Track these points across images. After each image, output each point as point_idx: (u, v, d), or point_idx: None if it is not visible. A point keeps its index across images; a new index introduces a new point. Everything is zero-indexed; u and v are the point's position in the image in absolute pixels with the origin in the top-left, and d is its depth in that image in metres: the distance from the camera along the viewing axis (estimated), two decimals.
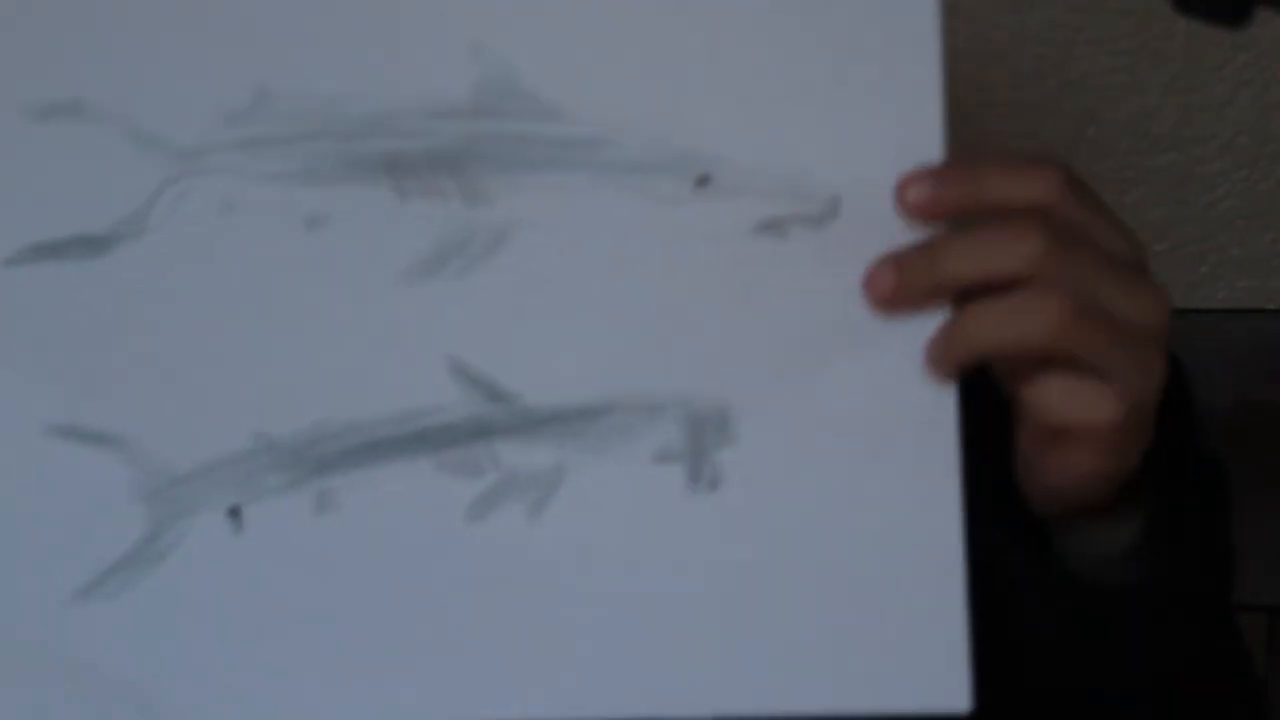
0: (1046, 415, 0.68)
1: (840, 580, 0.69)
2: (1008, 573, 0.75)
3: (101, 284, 0.71)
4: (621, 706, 0.69)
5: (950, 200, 0.67)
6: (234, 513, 0.71)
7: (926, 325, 0.68)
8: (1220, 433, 1.20)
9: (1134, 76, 1.35)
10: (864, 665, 0.68)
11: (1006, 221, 0.67)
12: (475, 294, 0.70)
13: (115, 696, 0.70)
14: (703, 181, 0.69)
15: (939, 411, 0.68)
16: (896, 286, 0.67)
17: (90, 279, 0.71)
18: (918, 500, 0.68)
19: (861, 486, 0.69)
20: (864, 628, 0.69)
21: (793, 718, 0.68)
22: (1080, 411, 0.68)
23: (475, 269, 0.70)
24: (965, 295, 0.68)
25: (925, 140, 0.68)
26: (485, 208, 0.70)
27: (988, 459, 0.73)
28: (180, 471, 0.71)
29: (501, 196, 0.70)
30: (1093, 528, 0.73)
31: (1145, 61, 1.34)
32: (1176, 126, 1.35)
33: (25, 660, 0.70)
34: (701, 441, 0.69)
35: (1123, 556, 0.74)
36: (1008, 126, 1.36)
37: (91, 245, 0.71)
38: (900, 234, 0.68)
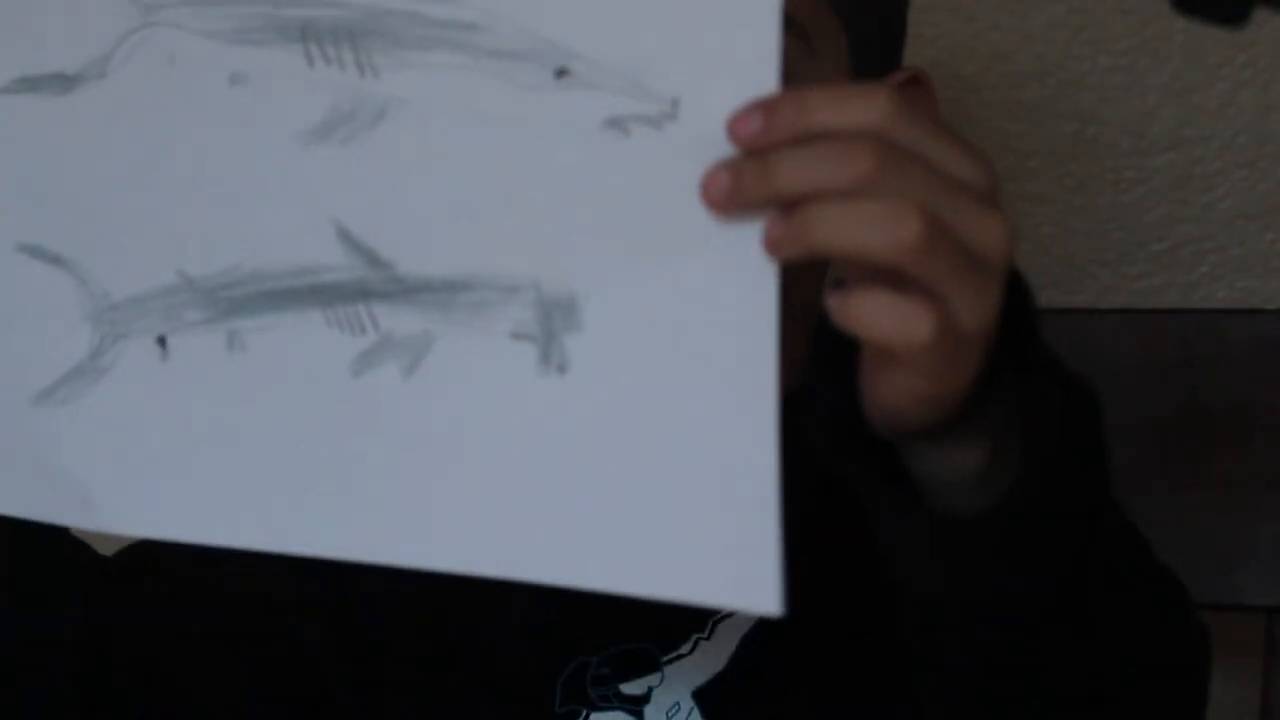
0: (860, 327, 0.69)
1: (663, 470, 0.71)
2: (868, 504, 0.76)
3: (66, 119, 0.77)
4: (467, 562, 0.74)
5: (780, 129, 0.68)
6: (161, 341, 0.77)
7: (758, 231, 0.69)
8: (1220, 433, 1.20)
9: (1134, 76, 1.35)
10: (681, 553, 0.70)
11: (838, 139, 0.68)
12: (358, 163, 0.74)
13: (65, 490, 0.78)
14: (561, 74, 0.71)
15: (761, 313, 0.69)
16: (731, 191, 0.68)
17: (58, 113, 0.77)
18: (736, 398, 0.70)
19: (688, 381, 0.70)
20: (683, 517, 0.70)
21: (608, 593, 0.71)
22: (893, 329, 0.68)
23: (359, 139, 0.74)
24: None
25: (761, 49, 0.69)
26: (373, 80, 0.73)
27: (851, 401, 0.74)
28: (117, 298, 0.77)
29: (388, 71, 0.73)
30: (935, 452, 0.74)
31: (1145, 61, 1.34)
32: (1176, 126, 1.35)
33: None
34: (551, 325, 0.72)
35: (975, 480, 0.74)
36: (1008, 126, 1.36)
37: (63, 82, 0.77)
38: None
